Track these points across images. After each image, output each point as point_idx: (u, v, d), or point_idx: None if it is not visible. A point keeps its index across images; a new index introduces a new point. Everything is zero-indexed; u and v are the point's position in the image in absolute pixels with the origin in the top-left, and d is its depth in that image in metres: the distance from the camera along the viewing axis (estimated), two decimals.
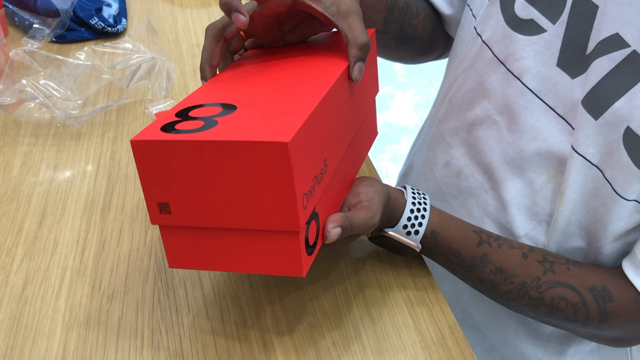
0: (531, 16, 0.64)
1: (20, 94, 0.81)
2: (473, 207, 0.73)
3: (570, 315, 0.62)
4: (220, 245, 0.50)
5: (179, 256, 0.51)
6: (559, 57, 0.62)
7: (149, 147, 0.46)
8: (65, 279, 0.62)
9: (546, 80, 0.63)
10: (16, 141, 0.78)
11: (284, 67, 0.58)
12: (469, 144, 0.73)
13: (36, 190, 0.71)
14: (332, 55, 0.59)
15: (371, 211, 0.57)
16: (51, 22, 0.94)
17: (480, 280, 0.64)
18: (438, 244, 0.63)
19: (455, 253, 0.63)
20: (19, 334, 0.56)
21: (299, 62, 0.58)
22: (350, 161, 0.60)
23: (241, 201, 0.47)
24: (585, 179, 0.61)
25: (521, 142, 0.66)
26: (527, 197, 0.67)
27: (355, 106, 0.60)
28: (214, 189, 0.47)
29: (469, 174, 0.73)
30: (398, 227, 0.62)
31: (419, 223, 0.62)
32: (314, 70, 0.56)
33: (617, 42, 0.57)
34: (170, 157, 0.46)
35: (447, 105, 0.77)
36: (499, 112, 0.68)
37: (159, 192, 0.48)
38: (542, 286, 0.62)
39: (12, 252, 0.64)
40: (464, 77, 0.73)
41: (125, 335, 0.57)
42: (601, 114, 0.58)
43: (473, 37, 0.72)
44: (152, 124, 0.48)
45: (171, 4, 1.16)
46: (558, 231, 0.66)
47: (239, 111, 0.49)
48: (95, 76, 0.86)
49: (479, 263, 0.63)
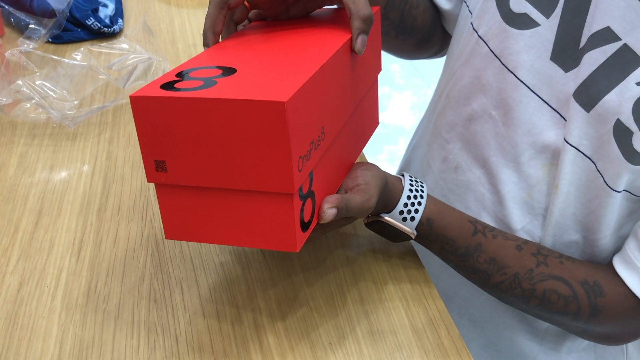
0: (525, 10, 0.65)
1: (16, 94, 0.81)
2: (470, 201, 0.74)
3: (561, 308, 0.63)
4: (215, 212, 0.50)
5: (176, 224, 0.51)
6: (552, 51, 0.63)
7: (147, 103, 0.46)
8: (61, 280, 0.61)
9: (540, 74, 0.64)
10: (12, 141, 0.78)
11: (286, 38, 0.58)
12: (466, 139, 0.74)
13: (32, 190, 0.71)
14: (335, 28, 0.59)
15: (367, 194, 0.57)
16: (47, 23, 0.94)
17: (474, 269, 0.64)
18: (433, 232, 0.63)
19: (449, 241, 0.64)
20: (14, 334, 0.56)
21: (302, 34, 0.59)
22: (349, 142, 0.61)
23: (238, 160, 0.47)
24: (579, 171, 0.62)
25: (516, 136, 0.67)
26: (523, 191, 0.68)
27: (357, 80, 0.60)
28: (211, 148, 0.47)
29: (466, 168, 0.74)
30: (394, 212, 0.62)
31: (415, 210, 0.62)
32: (316, 40, 0.56)
33: (608, 35, 0.58)
34: (168, 114, 0.46)
35: (444, 100, 0.78)
36: (495, 107, 0.69)
37: (156, 149, 0.48)
38: (534, 278, 0.63)
39: (8, 252, 0.64)
40: (460, 72, 0.74)
41: (122, 336, 0.57)
42: (592, 107, 0.59)
43: (469, 33, 0.73)
44: (152, 82, 0.48)
45: (167, 4, 1.16)
46: (554, 224, 0.66)
47: (239, 74, 0.49)
48: (92, 76, 0.86)
49: (472, 252, 0.64)
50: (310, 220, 0.52)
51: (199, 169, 0.48)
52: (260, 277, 0.64)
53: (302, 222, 0.50)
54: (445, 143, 0.77)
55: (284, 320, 0.60)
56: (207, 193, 0.49)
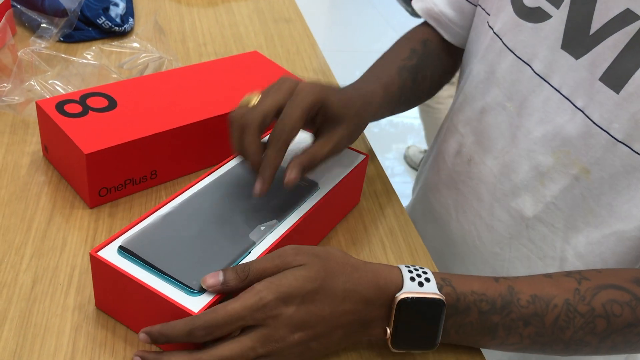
0: (538, 4, 0.67)
1: (28, 93, 0.82)
2: (483, 192, 0.75)
3: (630, 316, 0.54)
4: (131, 303, 0.56)
5: (102, 298, 0.59)
6: (562, 40, 0.65)
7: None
8: (74, 277, 0.62)
9: (552, 64, 0.66)
10: (24, 140, 0.78)
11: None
12: (479, 132, 0.75)
13: (45, 189, 0.72)
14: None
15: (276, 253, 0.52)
16: (59, 22, 0.94)
17: (524, 320, 0.54)
18: (459, 292, 0.53)
19: (481, 297, 0.54)
20: (28, 332, 0.56)
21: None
22: (314, 228, 0.66)
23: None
24: (612, 157, 0.61)
25: (529, 125, 0.68)
26: (535, 180, 0.69)
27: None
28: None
29: (479, 160, 0.76)
30: (405, 282, 0.52)
31: (424, 272, 0.54)
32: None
33: (629, 16, 0.59)
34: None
35: (460, 97, 0.80)
36: (509, 98, 0.71)
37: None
38: (586, 297, 0.54)
39: (21, 250, 0.64)
40: (476, 69, 0.76)
41: (134, 334, 0.57)
42: (622, 87, 0.59)
43: (485, 31, 0.75)
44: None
45: (178, 3, 1.17)
46: (586, 213, 0.64)
47: None
48: (103, 75, 0.86)
49: (511, 298, 0.54)
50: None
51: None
52: None
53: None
54: (460, 137, 0.79)
55: None
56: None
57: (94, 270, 0.57)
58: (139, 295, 0.54)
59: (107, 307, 0.58)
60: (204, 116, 0.73)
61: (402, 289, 0.52)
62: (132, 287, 0.54)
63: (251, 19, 1.15)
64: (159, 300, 0.52)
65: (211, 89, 0.78)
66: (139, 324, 0.56)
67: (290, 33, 1.12)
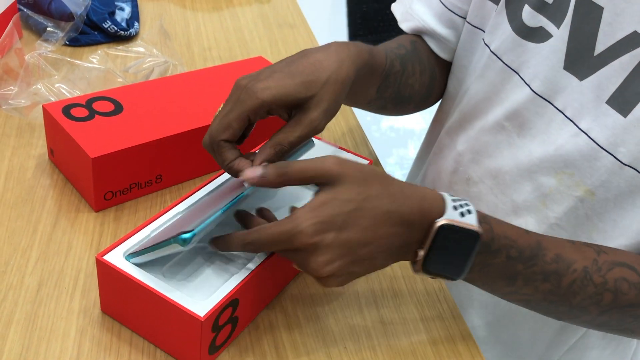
0: (540, 24, 0.66)
1: (34, 96, 0.82)
2: (483, 211, 0.74)
3: (634, 298, 0.57)
4: (138, 311, 0.57)
5: (108, 302, 0.59)
6: (565, 60, 0.63)
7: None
8: (79, 281, 0.62)
9: (554, 84, 0.64)
10: (30, 143, 0.78)
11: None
12: (477, 150, 0.74)
13: (50, 192, 0.72)
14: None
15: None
16: (65, 26, 0.94)
17: (544, 275, 0.56)
18: (495, 233, 0.55)
19: (513, 244, 0.55)
20: (34, 335, 0.57)
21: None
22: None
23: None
24: (617, 179, 0.61)
25: (531, 146, 0.67)
26: (537, 200, 0.68)
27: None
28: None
29: (477, 180, 0.74)
30: (448, 210, 0.52)
31: (466, 203, 0.54)
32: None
33: (637, 39, 0.58)
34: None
35: (457, 115, 0.78)
36: (508, 118, 0.69)
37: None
38: (602, 269, 0.57)
39: (27, 253, 0.64)
40: (475, 88, 0.74)
41: (139, 338, 0.57)
42: (630, 111, 0.58)
43: (481, 48, 0.73)
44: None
45: (183, 7, 1.17)
46: (591, 230, 0.64)
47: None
48: (109, 79, 0.87)
49: (537, 252, 0.56)
50: (223, 344, 0.57)
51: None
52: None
53: (212, 345, 0.55)
54: (457, 155, 0.77)
55: (299, 322, 0.60)
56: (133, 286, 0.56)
57: (100, 275, 0.57)
58: (145, 299, 0.54)
59: (113, 310, 0.59)
60: (209, 121, 0.73)
61: (444, 215, 0.52)
62: (138, 291, 0.54)
63: (255, 24, 1.15)
64: (165, 304, 0.53)
65: (216, 94, 0.79)
66: (144, 328, 0.56)
67: (295, 38, 1.13)
